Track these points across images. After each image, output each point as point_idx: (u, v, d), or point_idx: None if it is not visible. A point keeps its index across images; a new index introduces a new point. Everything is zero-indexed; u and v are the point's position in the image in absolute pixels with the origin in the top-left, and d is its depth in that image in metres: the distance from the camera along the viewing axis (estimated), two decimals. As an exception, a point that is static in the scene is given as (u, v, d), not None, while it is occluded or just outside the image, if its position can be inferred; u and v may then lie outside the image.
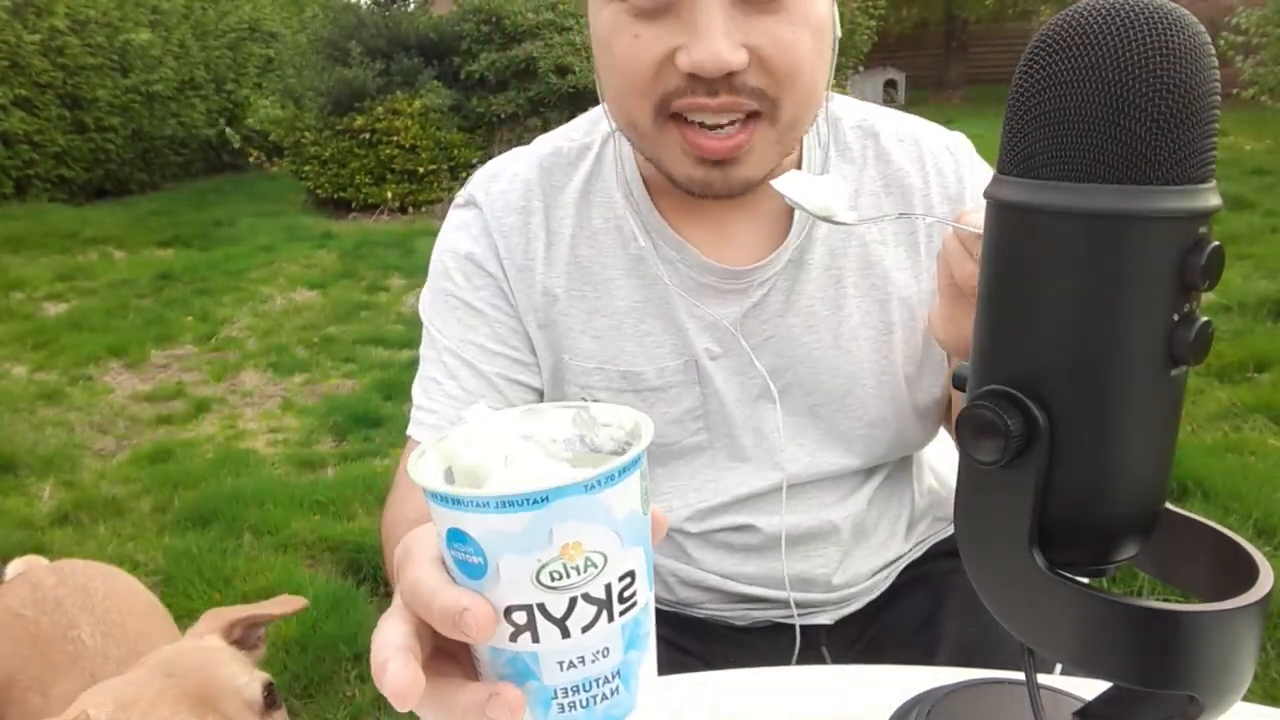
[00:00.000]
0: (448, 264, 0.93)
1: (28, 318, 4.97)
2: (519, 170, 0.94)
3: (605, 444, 0.51)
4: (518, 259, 0.92)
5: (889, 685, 0.65)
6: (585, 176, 0.93)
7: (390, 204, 7.40)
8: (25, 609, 1.17)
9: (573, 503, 0.42)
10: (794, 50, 0.76)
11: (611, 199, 0.91)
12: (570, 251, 0.91)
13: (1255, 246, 4.96)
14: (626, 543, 0.44)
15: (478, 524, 0.42)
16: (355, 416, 3.51)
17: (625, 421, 0.50)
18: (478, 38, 7.52)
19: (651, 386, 0.91)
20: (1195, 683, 0.40)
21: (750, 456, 0.93)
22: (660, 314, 0.90)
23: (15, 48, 7.59)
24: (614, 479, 0.43)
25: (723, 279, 0.89)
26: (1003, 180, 0.41)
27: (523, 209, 0.92)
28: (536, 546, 0.42)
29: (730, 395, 0.91)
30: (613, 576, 0.44)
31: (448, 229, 0.96)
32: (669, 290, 0.89)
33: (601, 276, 0.91)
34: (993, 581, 0.45)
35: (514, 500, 0.41)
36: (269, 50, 10.29)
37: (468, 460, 0.47)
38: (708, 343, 0.90)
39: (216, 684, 0.77)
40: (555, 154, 0.94)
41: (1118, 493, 0.42)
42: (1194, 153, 0.38)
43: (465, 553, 0.43)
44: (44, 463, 3.23)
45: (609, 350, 0.91)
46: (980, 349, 0.44)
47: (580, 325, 0.91)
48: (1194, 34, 0.38)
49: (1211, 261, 0.38)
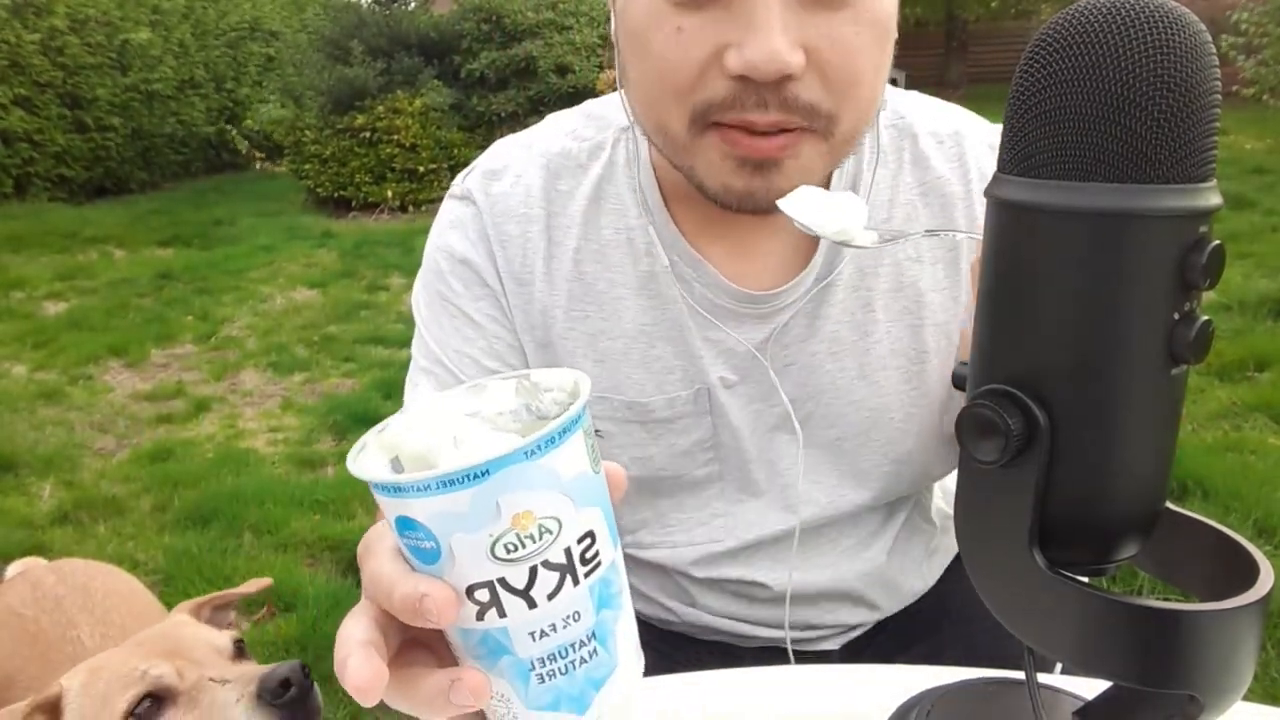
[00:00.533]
0: (443, 265, 0.86)
1: (28, 317, 4.97)
2: (522, 172, 0.85)
3: (550, 409, 0.50)
4: (516, 270, 0.84)
5: (889, 685, 0.65)
6: (595, 181, 0.83)
7: (390, 203, 7.40)
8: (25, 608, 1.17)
9: (515, 472, 0.40)
10: (856, 56, 0.66)
11: (624, 207, 0.82)
12: (574, 267, 0.83)
13: (1256, 245, 4.96)
14: (580, 504, 0.43)
15: (423, 508, 0.41)
16: (355, 416, 3.51)
17: (565, 383, 0.49)
18: (478, 37, 7.52)
19: (659, 418, 0.83)
20: (1195, 682, 0.40)
21: (763, 491, 0.87)
22: (671, 337, 0.82)
23: (15, 47, 7.59)
24: (554, 441, 0.41)
25: (742, 303, 0.81)
26: (1003, 179, 0.41)
27: (523, 216, 0.84)
28: (485, 522, 0.41)
29: (745, 426, 0.84)
30: (570, 540, 0.43)
31: (444, 223, 0.87)
32: (683, 312, 0.81)
33: (609, 295, 0.82)
34: (993, 581, 0.45)
35: (454, 478, 0.40)
36: (269, 49, 10.29)
37: (414, 446, 0.46)
38: (723, 370, 0.82)
39: (185, 640, 0.77)
40: (563, 155, 0.85)
41: (1118, 492, 0.42)
42: (1194, 151, 0.38)
43: (416, 539, 0.42)
44: (44, 462, 3.23)
45: (613, 377, 0.83)
46: (980, 348, 0.44)
47: (582, 348, 0.83)
48: (1194, 33, 0.38)
49: (1212, 260, 0.38)
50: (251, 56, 10.20)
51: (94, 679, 0.79)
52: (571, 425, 0.42)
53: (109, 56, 8.38)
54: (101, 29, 8.29)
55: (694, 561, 0.89)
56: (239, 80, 10.02)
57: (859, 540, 0.90)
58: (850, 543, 0.90)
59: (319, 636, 2.18)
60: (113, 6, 8.41)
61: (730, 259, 0.81)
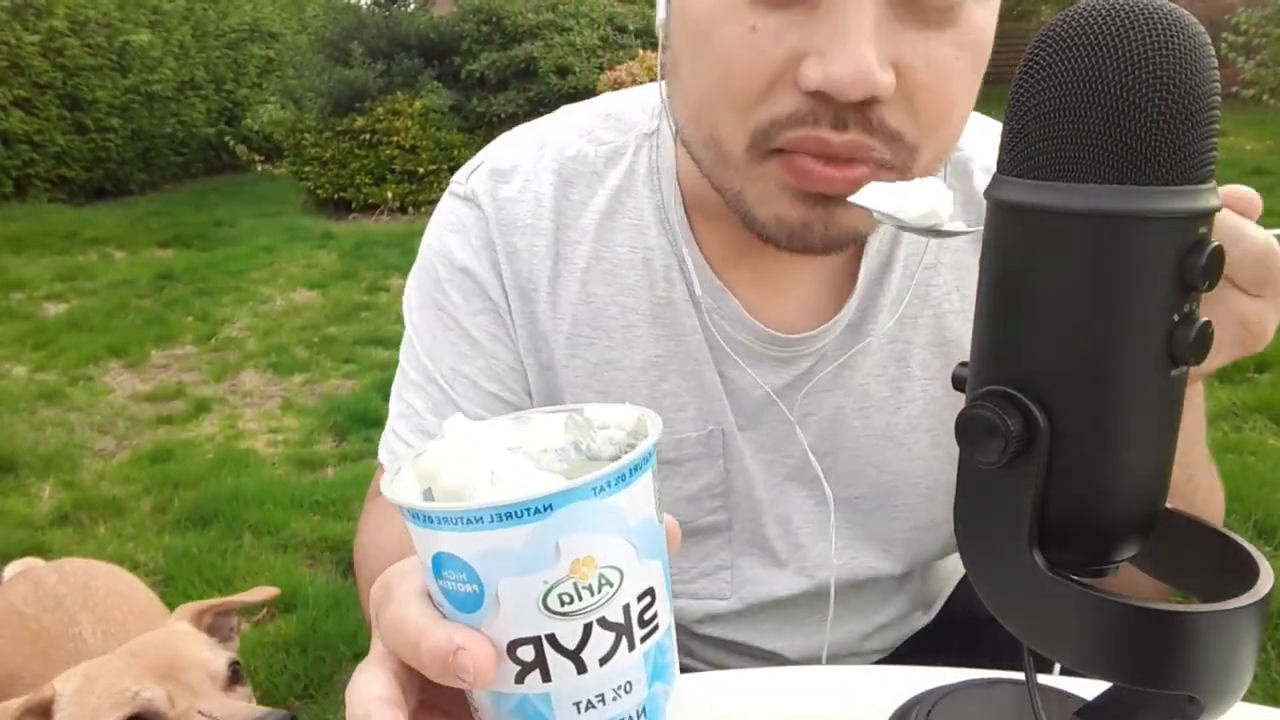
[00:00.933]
0: (441, 273, 0.77)
1: (28, 318, 4.97)
2: (532, 177, 0.76)
3: (604, 449, 0.45)
4: (522, 284, 0.76)
5: (889, 685, 0.65)
6: (612, 193, 0.75)
7: (390, 204, 7.40)
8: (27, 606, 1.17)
9: (580, 509, 0.36)
10: (951, 83, 0.58)
11: (642, 224, 0.74)
12: (581, 288, 0.75)
13: (1255, 247, 4.95)
14: (643, 554, 0.38)
15: (469, 544, 0.36)
16: (355, 416, 3.51)
17: (625, 420, 0.44)
18: (478, 38, 7.52)
19: (665, 459, 0.75)
20: (1195, 683, 0.40)
21: (772, 548, 0.80)
22: (686, 372, 0.75)
23: (15, 48, 7.59)
24: (625, 479, 0.37)
25: (764, 342, 0.73)
26: (1002, 180, 0.41)
27: (530, 228, 0.75)
28: (541, 565, 0.36)
29: (758, 475, 0.77)
30: (630, 595, 0.38)
31: (443, 224, 0.79)
32: (701, 344, 0.74)
33: (619, 321, 0.75)
34: (993, 581, 0.45)
35: (512, 510, 0.35)
36: (269, 51, 10.29)
37: (448, 479, 0.41)
38: (735, 414, 0.75)
39: (181, 659, 0.77)
40: (578, 160, 0.76)
41: (1118, 493, 0.42)
42: (1194, 153, 0.38)
43: (457, 581, 0.37)
44: (44, 463, 3.23)
45: None
46: (980, 349, 0.44)
47: (584, 378, 0.76)
48: (1194, 34, 0.38)
49: (1211, 261, 0.39)
50: (251, 58, 10.20)
51: (88, 688, 0.79)
52: (642, 463, 0.38)
53: (109, 58, 8.38)
54: (101, 30, 8.29)
55: (696, 619, 0.82)
56: (239, 82, 10.01)
57: (874, 603, 0.85)
58: (863, 601, 0.83)
59: (319, 637, 2.18)
60: (113, 8, 8.41)
61: (754, 290, 0.73)
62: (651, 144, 0.75)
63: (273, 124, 7.83)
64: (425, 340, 0.79)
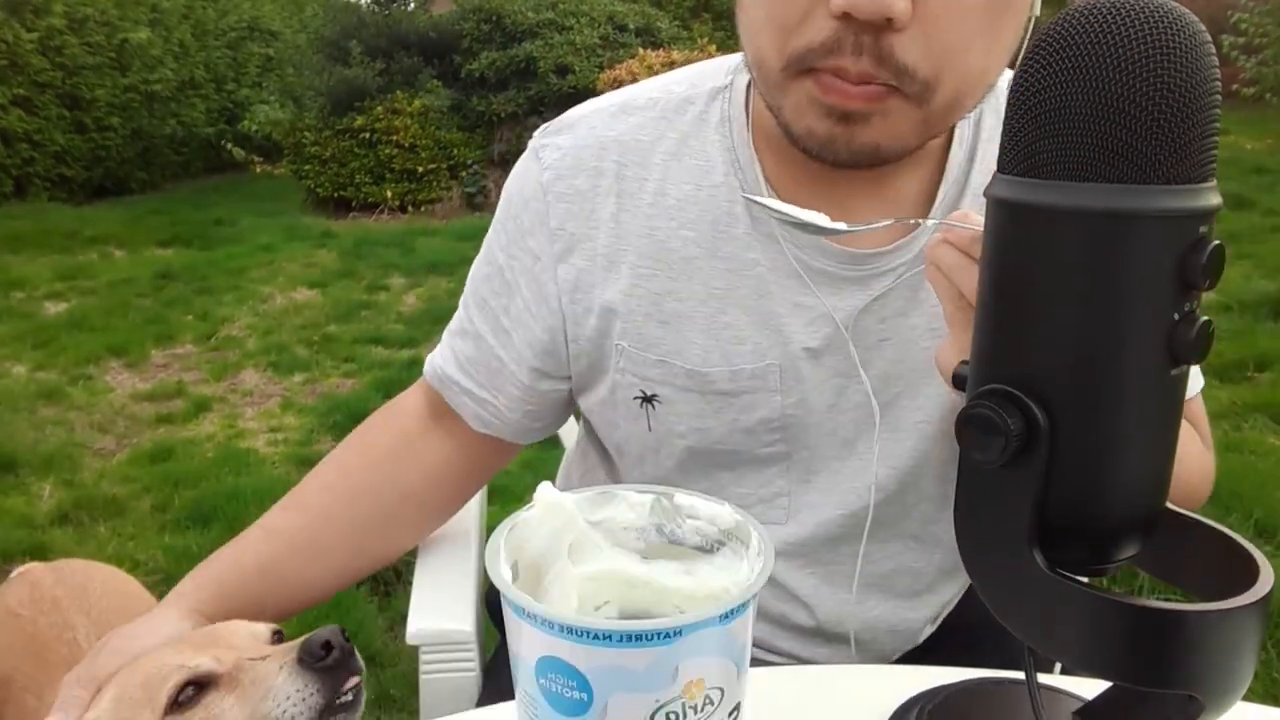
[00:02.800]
0: (500, 213, 0.86)
1: (28, 317, 4.96)
2: (596, 124, 0.82)
3: (689, 538, 0.46)
4: (574, 228, 0.81)
5: (889, 685, 0.65)
6: (680, 136, 0.80)
7: (390, 203, 7.40)
8: (23, 608, 1.16)
9: (705, 636, 0.37)
10: (965, 20, 0.63)
11: (709, 164, 0.79)
12: (646, 222, 0.79)
13: (1255, 246, 4.95)
14: (740, 671, 0.40)
15: (590, 657, 0.36)
16: (355, 416, 3.49)
17: (721, 519, 0.45)
18: (478, 37, 7.51)
19: (720, 390, 0.79)
20: (1195, 683, 0.40)
21: (834, 471, 0.82)
22: (746, 306, 0.78)
23: (13, 46, 7.58)
24: (745, 606, 0.38)
25: (843, 263, 0.76)
26: (1003, 179, 0.41)
27: (594, 170, 0.81)
28: (658, 685, 0.37)
29: (822, 401, 0.79)
30: (724, 712, 0.39)
31: (512, 173, 0.87)
32: (764, 278, 0.77)
33: (680, 254, 0.79)
34: (993, 581, 0.45)
35: (641, 635, 0.36)
36: (269, 49, 10.29)
37: (531, 553, 0.42)
38: (810, 338, 0.78)
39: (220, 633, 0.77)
40: (649, 105, 0.82)
41: (1118, 492, 0.42)
42: (1194, 152, 0.38)
43: (564, 686, 0.37)
44: (44, 462, 3.23)
45: (676, 340, 0.79)
46: (980, 348, 0.44)
47: (646, 308, 0.79)
48: (1194, 33, 0.38)
49: (1212, 260, 0.38)
50: (251, 57, 10.19)
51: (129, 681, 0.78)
52: (759, 590, 0.39)
53: (108, 56, 8.37)
54: (100, 29, 8.28)
55: None
56: (239, 81, 10.01)
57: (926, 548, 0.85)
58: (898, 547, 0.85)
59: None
60: (111, 6, 8.40)
61: None
62: (725, 97, 0.80)
63: (270, 124, 7.83)
64: (476, 267, 0.89)
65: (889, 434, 0.80)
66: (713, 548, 0.46)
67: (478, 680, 0.92)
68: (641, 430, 0.84)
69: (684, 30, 8.23)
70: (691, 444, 0.83)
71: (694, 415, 0.81)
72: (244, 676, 0.71)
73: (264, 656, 0.72)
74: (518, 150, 0.88)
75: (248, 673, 0.71)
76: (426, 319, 4.69)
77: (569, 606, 0.43)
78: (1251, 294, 4.13)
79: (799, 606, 0.86)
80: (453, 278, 5.38)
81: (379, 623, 2.25)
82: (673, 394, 0.81)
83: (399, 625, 2.25)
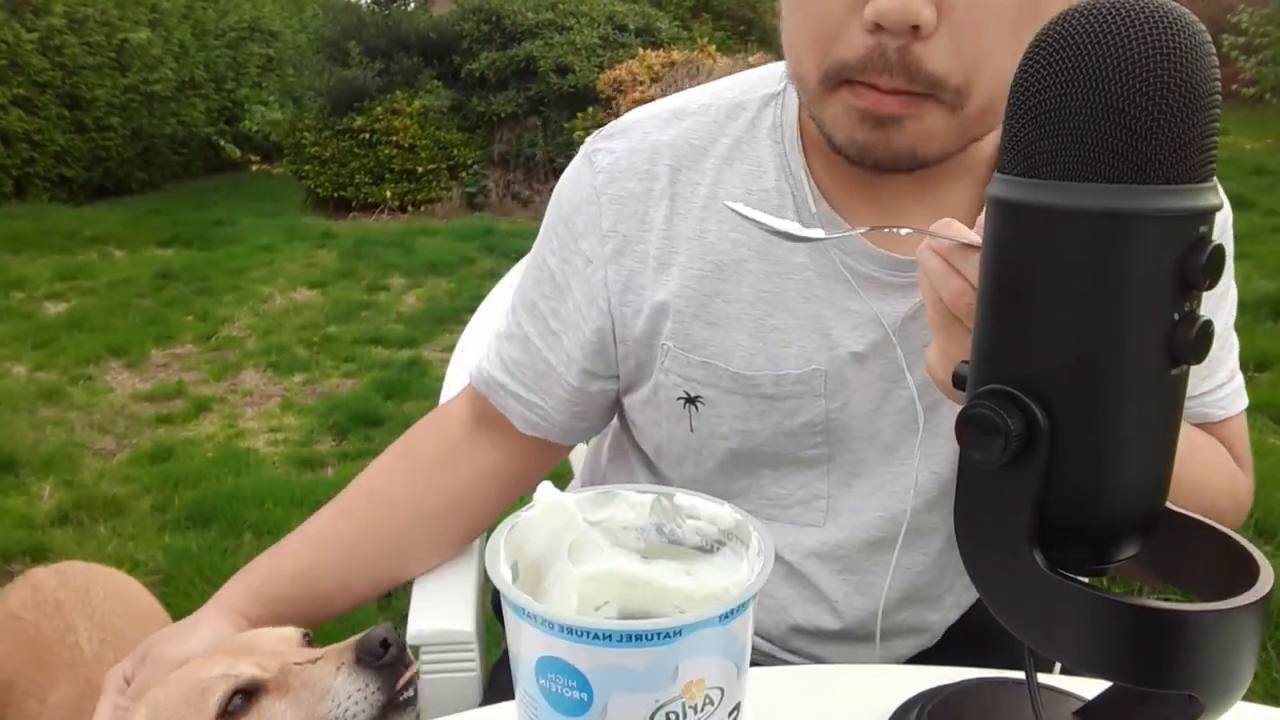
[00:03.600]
0: (548, 218, 0.87)
1: (28, 317, 4.96)
2: (650, 129, 0.83)
3: (689, 537, 0.46)
4: (626, 230, 0.82)
5: (889, 685, 0.65)
6: (733, 141, 0.81)
7: (390, 203, 7.40)
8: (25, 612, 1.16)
9: (705, 636, 0.37)
10: (993, 22, 0.64)
11: (760, 169, 0.80)
12: (697, 225, 0.80)
13: (1255, 246, 4.95)
14: (740, 671, 0.40)
15: (589, 657, 0.37)
16: (355, 416, 3.50)
17: (721, 519, 0.45)
18: (478, 37, 7.51)
19: (765, 394, 0.80)
20: (1195, 683, 0.40)
21: (875, 475, 0.82)
22: (794, 309, 0.79)
23: (13, 46, 7.58)
24: (746, 606, 0.38)
25: (888, 268, 0.77)
26: (1003, 179, 0.41)
27: (646, 173, 0.82)
28: (658, 685, 0.37)
29: (865, 406, 0.80)
30: (724, 712, 0.39)
31: (563, 177, 0.88)
32: (812, 281, 0.78)
33: (730, 256, 0.80)
34: (993, 581, 0.45)
35: (641, 635, 0.36)
36: (269, 50, 10.28)
37: (531, 553, 0.43)
38: (855, 343, 0.79)
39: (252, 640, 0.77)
40: (701, 110, 0.83)
41: (1118, 492, 0.42)
42: (1194, 152, 0.38)
43: (563, 686, 0.37)
44: (44, 462, 3.23)
45: (723, 343, 0.80)
46: (980, 348, 0.44)
47: (694, 309, 0.80)
48: (1194, 33, 0.38)
49: (1212, 261, 0.38)
50: (251, 57, 10.19)
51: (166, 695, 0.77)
52: (759, 590, 0.39)
53: (108, 56, 8.37)
54: (100, 29, 8.28)
55: (784, 543, 0.85)
56: (239, 81, 10.01)
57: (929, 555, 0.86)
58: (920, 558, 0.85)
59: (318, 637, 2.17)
60: (111, 6, 8.40)
61: (877, 223, 0.78)
62: (777, 102, 0.81)
63: (270, 124, 7.83)
64: (524, 273, 0.90)
65: (930, 438, 0.80)
66: (713, 548, 0.46)
67: (478, 680, 0.92)
68: (684, 431, 0.85)
69: (684, 30, 8.23)
70: (734, 445, 0.83)
71: (737, 417, 0.82)
72: (293, 680, 0.70)
73: (312, 660, 0.72)
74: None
75: (296, 676, 0.71)
76: (426, 319, 4.69)
77: (569, 607, 0.43)
78: (1251, 294, 4.13)
79: (827, 609, 0.86)
80: (453, 278, 5.38)
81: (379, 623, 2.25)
82: (717, 395, 0.81)
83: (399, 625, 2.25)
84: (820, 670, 0.80)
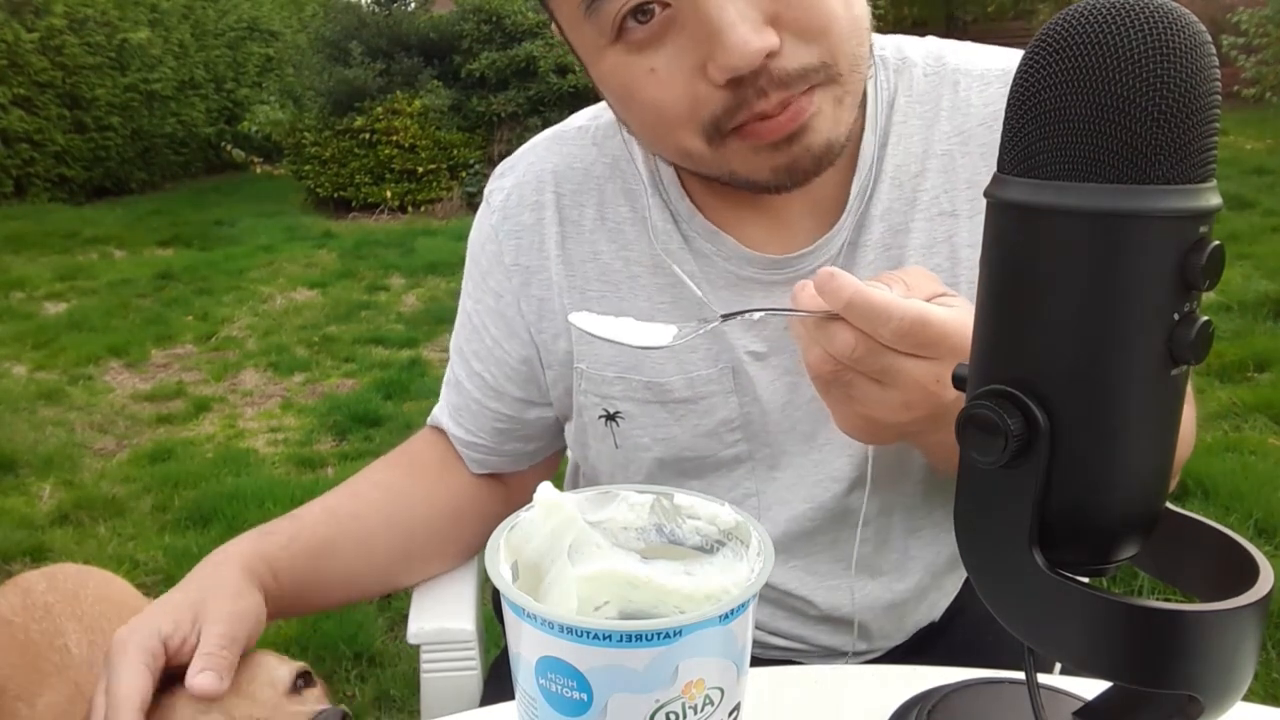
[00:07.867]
0: (466, 263, 0.91)
1: (28, 317, 4.96)
2: (533, 159, 0.87)
3: (689, 538, 0.46)
4: (527, 261, 0.85)
5: (889, 685, 0.65)
6: (613, 159, 0.84)
7: (390, 203, 7.40)
8: (15, 615, 1.15)
9: (705, 636, 0.37)
10: (816, 3, 0.66)
11: (641, 187, 0.82)
12: (590, 247, 0.83)
13: (1256, 246, 4.95)
14: (740, 672, 0.40)
15: (589, 657, 0.37)
16: (355, 416, 3.51)
17: (721, 519, 0.45)
18: (478, 37, 7.51)
19: (680, 398, 0.82)
20: (1195, 683, 0.40)
21: (798, 466, 0.83)
22: (691, 317, 0.80)
23: (13, 46, 7.59)
24: (746, 606, 0.38)
25: (765, 269, 0.79)
26: (1003, 179, 0.41)
27: (535, 204, 0.85)
28: (658, 685, 0.37)
29: (776, 400, 0.81)
30: (724, 712, 0.39)
31: (472, 225, 0.92)
32: (704, 289, 0.80)
33: (624, 274, 0.82)
34: (993, 581, 0.45)
35: (641, 635, 0.36)
36: (269, 50, 10.29)
37: (531, 553, 0.43)
38: (752, 343, 0.80)
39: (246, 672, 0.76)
40: (579, 134, 0.86)
41: (1118, 492, 0.42)
42: (1194, 152, 0.38)
43: (563, 686, 0.37)
44: (44, 462, 3.23)
45: (631, 356, 0.82)
46: (980, 349, 0.44)
47: None
48: (1194, 33, 0.38)
49: (1212, 261, 0.38)
50: (251, 57, 10.19)
51: None
52: (759, 590, 0.40)
53: (108, 56, 8.37)
54: (100, 29, 8.28)
55: None
56: (239, 81, 10.01)
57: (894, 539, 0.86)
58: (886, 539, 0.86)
59: (318, 637, 2.18)
60: (111, 6, 8.40)
61: (755, 229, 0.80)
62: None
63: (270, 124, 7.83)
64: (457, 318, 0.93)
65: None
66: (712, 548, 0.46)
67: (478, 680, 0.92)
68: (609, 449, 0.87)
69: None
70: (658, 455, 0.85)
71: (656, 426, 0.84)
72: None
73: None
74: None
75: None
76: (426, 319, 4.69)
77: (569, 607, 0.43)
78: (1251, 294, 4.13)
79: (799, 602, 0.87)
80: (453, 278, 5.38)
81: (379, 623, 2.25)
82: (634, 408, 0.84)
83: (399, 625, 2.25)
84: (820, 670, 0.80)
